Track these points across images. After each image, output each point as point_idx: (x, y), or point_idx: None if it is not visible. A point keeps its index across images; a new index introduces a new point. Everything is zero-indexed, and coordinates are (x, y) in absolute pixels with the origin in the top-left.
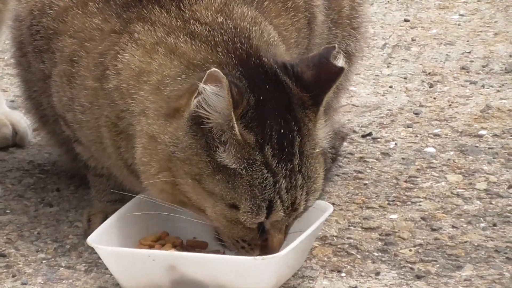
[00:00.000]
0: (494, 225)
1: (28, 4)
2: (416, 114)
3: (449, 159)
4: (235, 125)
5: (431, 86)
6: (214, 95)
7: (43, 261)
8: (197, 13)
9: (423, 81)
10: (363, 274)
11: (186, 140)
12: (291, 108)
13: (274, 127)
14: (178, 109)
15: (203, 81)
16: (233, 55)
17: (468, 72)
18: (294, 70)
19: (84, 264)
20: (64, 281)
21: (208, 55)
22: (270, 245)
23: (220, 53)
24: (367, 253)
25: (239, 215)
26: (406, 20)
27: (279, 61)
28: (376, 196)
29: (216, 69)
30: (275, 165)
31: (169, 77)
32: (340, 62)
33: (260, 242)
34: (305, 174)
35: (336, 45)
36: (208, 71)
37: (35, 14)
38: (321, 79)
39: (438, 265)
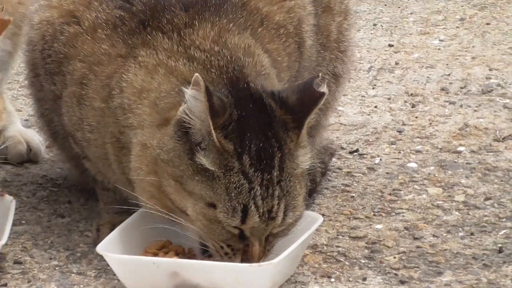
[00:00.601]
0: (472, 234)
1: (41, 30)
2: (399, 132)
3: (430, 174)
4: (213, 131)
5: (413, 106)
6: (193, 99)
7: (56, 268)
8: (196, 42)
9: (405, 102)
10: (351, 279)
11: (171, 144)
12: (272, 127)
13: (253, 141)
14: (169, 119)
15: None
16: (224, 77)
17: (447, 93)
18: (280, 95)
19: (94, 271)
20: (75, 286)
21: (202, 74)
22: (250, 253)
23: (213, 74)
24: (354, 260)
25: (217, 214)
26: (390, 45)
27: (266, 88)
28: (362, 208)
29: (198, 75)
30: (251, 173)
31: (165, 92)
32: (323, 88)
33: (241, 249)
34: (284, 188)
35: (320, 74)
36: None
37: (47, 39)
38: (304, 103)
39: (420, 271)
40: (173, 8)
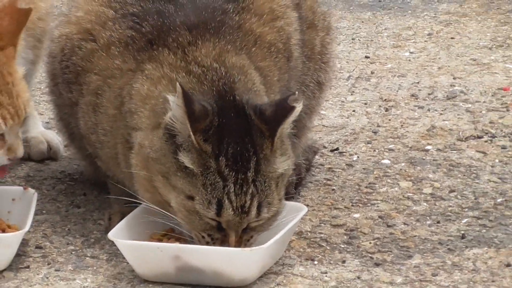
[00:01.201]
0: (438, 222)
1: (60, 44)
2: (374, 132)
3: (401, 169)
4: (191, 134)
5: (386, 110)
6: (174, 104)
7: (73, 252)
8: (198, 58)
9: (380, 106)
10: (331, 262)
11: (159, 144)
12: (251, 134)
13: (231, 145)
14: (161, 122)
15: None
16: (214, 89)
17: (416, 99)
18: (259, 107)
19: (106, 255)
20: (89, 268)
21: (195, 85)
22: (227, 243)
23: (204, 85)
24: (335, 245)
25: (195, 205)
26: (366, 57)
27: (250, 102)
28: (342, 199)
29: (180, 84)
30: (227, 173)
31: (162, 99)
32: (296, 103)
33: (219, 239)
34: (258, 187)
35: (297, 92)
36: None
37: (65, 52)
38: (277, 115)
39: (392, 255)
40: (178, 28)
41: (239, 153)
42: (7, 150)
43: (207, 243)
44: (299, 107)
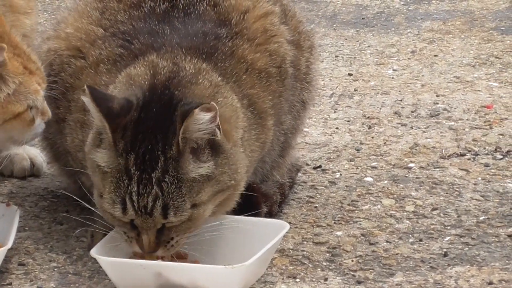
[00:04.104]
0: (421, 240)
1: (48, 58)
2: (357, 150)
3: (384, 187)
4: (108, 131)
5: (369, 127)
6: (89, 105)
7: (55, 269)
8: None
9: (363, 124)
10: (314, 280)
11: (88, 141)
12: (166, 132)
13: (144, 143)
14: None
15: None
16: (147, 83)
17: (400, 116)
18: (182, 104)
19: (88, 272)
20: (72, 285)
21: (152, 80)
22: (142, 244)
23: (145, 81)
24: (317, 263)
25: (103, 203)
26: (349, 74)
27: (186, 98)
28: (324, 217)
29: (88, 85)
30: (133, 171)
31: None
32: (202, 112)
33: (134, 237)
34: (164, 189)
35: (212, 102)
36: None
37: (54, 68)
38: (182, 116)
39: (375, 273)
40: (172, 48)
41: (149, 151)
42: (41, 115)
43: (125, 241)
44: (201, 115)
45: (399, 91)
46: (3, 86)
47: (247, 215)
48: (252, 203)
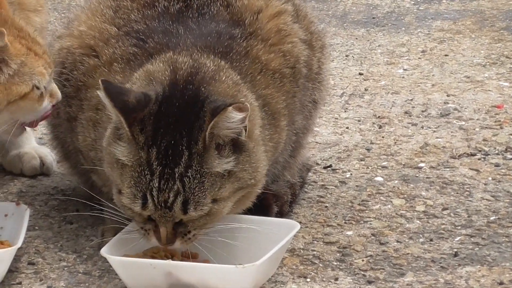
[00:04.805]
0: (431, 240)
1: (60, 57)
2: (367, 150)
3: (394, 187)
4: (125, 125)
5: (380, 127)
6: (104, 100)
7: (65, 268)
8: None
9: (373, 123)
10: (324, 279)
11: (107, 140)
12: (191, 127)
13: (166, 137)
14: None
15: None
16: (167, 79)
17: (410, 116)
18: (209, 101)
19: (98, 271)
20: (81, 285)
21: (171, 76)
22: (160, 235)
23: (165, 76)
24: (327, 263)
25: (123, 199)
26: (360, 74)
27: (212, 95)
28: (335, 216)
29: (103, 80)
30: (155, 166)
31: None
32: (234, 111)
33: (152, 230)
34: (186, 184)
35: (246, 102)
36: None
37: (66, 66)
38: (213, 113)
39: (385, 273)
40: (187, 47)
41: (172, 146)
42: (50, 97)
43: (143, 235)
44: (233, 114)
45: (410, 90)
46: (5, 68)
47: (257, 215)
48: (263, 203)
